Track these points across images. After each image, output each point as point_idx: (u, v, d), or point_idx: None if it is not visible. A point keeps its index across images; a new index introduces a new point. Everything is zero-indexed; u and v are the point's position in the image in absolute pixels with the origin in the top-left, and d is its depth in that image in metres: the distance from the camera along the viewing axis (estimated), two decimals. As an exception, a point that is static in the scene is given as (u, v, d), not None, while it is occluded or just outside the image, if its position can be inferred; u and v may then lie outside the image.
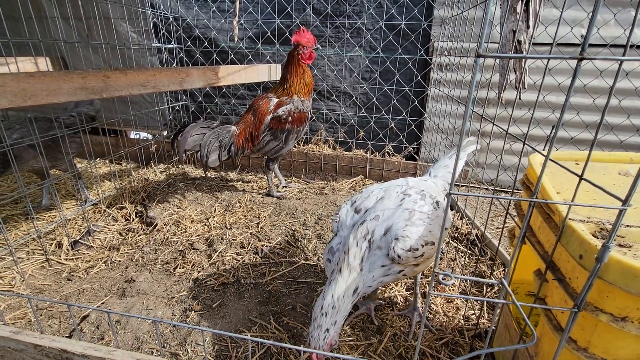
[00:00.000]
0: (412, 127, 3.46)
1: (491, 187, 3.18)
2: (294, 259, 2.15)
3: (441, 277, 0.76)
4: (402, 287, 1.91)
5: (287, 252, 2.23)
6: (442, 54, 3.10)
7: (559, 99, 3.03)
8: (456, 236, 2.38)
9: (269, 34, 3.46)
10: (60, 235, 2.34)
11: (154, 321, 1.19)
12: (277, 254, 2.21)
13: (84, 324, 1.62)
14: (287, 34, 3.42)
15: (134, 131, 4.10)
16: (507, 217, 1.37)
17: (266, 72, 3.10)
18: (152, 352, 1.50)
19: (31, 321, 1.66)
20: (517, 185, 1.37)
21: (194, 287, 1.90)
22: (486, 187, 3.23)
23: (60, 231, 2.38)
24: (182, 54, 3.72)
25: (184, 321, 1.67)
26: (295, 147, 3.60)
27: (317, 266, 2.10)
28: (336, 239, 1.40)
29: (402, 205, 1.35)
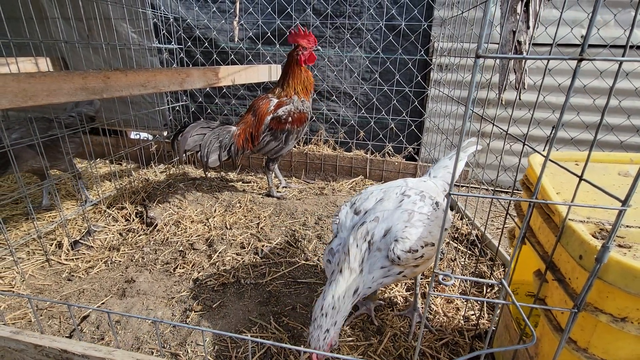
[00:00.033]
0: (412, 127, 3.46)
1: (491, 188, 3.18)
2: (294, 260, 2.15)
3: (441, 277, 0.76)
4: (402, 288, 1.91)
5: (287, 252, 2.23)
6: (442, 54, 3.10)
7: (559, 100, 3.03)
8: (456, 237, 2.38)
9: (269, 34, 3.47)
10: (60, 235, 2.34)
11: (154, 321, 1.19)
12: (277, 254, 2.21)
13: (84, 324, 1.62)
14: (287, 34, 3.42)
15: (134, 131, 4.11)
16: (507, 217, 1.37)
17: (266, 73, 3.10)
18: (152, 352, 1.50)
19: (31, 321, 1.67)
20: (517, 185, 1.37)
21: (194, 287, 1.90)
22: (486, 188, 3.23)
23: (60, 231, 2.38)
24: (182, 55, 3.73)
25: (184, 321, 1.67)
26: (295, 147, 3.61)
27: (317, 266, 2.10)
28: (336, 241, 1.40)
29: (401, 206, 1.35)
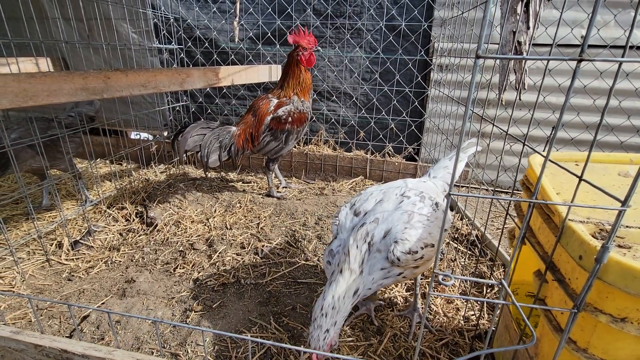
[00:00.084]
0: (413, 127, 3.46)
1: (491, 188, 3.19)
2: (294, 260, 2.15)
3: (441, 278, 0.76)
4: (402, 288, 1.91)
5: (287, 252, 2.23)
6: (442, 54, 3.11)
7: (559, 100, 3.03)
8: (456, 237, 2.38)
9: (270, 34, 3.47)
10: (60, 235, 2.34)
11: (154, 321, 1.19)
12: (277, 254, 2.21)
13: (84, 324, 1.62)
14: (288, 34, 3.42)
15: (134, 131, 4.11)
16: (507, 217, 1.37)
17: (266, 73, 3.11)
18: (152, 353, 1.50)
19: (31, 321, 1.67)
20: (517, 186, 1.37)
21: (194, 287, 1.90)
22: (486, 188, 3.23)
23: (60, 231, 2.38)
24: (182, 55, 3.73)
25: (184, 321, 1.67)
26: (295, 147, 3.61)
27: (317, 267, 2.10)
28: (336, 242, 1.40)
29: (401, 207, 1.35)
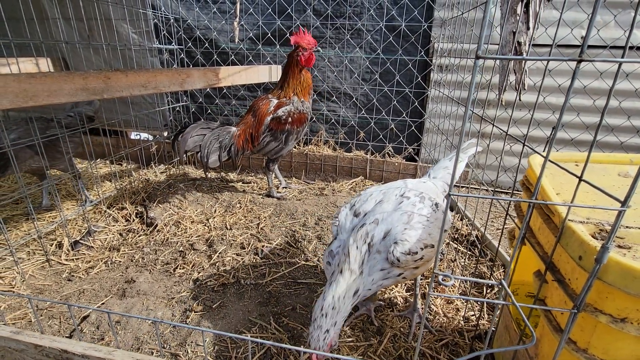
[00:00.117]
0: (412, 128, 3.46)
1: (491, 188, 3.19)
2: (294, 260, 2.15)
3: (441, 278, 0.76)
4: (402, 288, 1.91)
5: (287, 253, 2.23)
6: (442, 55, 3.11)
7: (559, 100, 3.03)
8: (456, 237, 2.38)
9: (270, 35, 3.47)
10: (60, 235, 2.34)
11: (154, 321, 1.19)
12: (277, 254, 2.21)
13: (84, 325, 1.62)
14: (288, 35, 3.42)
15: (134, 132, 4.11)
16: (507, 218, 1.37)
17: (266, 73, 3.11)
18: (152, 353, 1.50)
19: (31, 321, 1.67)
20: (517, 186, 1.37)
21: (194, 287, 1.90)
22: (486, 188, 3.23)
23: (60, 231, 2.38)
24: (182, 55, 3.73)
25: (184, 322, 1.67)
26: (295, 148, 3.61)
27: (317, 267, 2.10)
28: (336, 242, 1.40)
29: (400, 208, 1.35)
